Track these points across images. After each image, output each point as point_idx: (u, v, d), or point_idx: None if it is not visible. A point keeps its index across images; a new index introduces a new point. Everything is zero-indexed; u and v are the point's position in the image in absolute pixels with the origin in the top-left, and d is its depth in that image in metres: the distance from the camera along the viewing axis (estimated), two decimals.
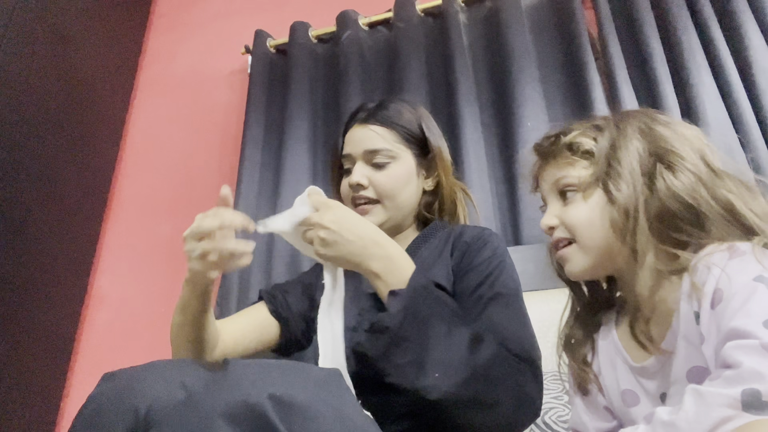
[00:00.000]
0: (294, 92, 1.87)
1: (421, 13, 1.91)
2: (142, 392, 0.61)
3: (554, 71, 1.71)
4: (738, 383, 0.48)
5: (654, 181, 0.67)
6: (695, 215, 0.65)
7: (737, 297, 0.55)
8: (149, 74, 2.33)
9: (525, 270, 1.40)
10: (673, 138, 0.70)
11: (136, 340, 1.83)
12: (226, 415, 0.53)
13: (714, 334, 0.57)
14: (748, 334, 0.51)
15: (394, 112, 1.05)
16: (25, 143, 1.72)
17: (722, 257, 0.60)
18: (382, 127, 1.03)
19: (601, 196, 0.71)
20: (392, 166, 1.02)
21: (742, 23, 1.55)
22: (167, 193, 2.05)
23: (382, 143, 1.02)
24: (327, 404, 0.56)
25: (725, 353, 0.52)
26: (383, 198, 1.02)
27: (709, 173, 0.67)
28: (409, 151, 1.05)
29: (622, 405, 0.74)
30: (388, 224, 1.04)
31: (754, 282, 0.55)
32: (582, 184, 0.73)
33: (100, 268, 1.99)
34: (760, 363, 0.48)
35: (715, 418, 0.47)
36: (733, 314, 0.54)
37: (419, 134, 1.06)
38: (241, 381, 0.56)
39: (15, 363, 1.60)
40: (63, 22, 1.93)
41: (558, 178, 0.76)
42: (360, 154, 1.03)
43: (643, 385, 0.72)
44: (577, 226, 0.73)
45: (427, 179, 1.09)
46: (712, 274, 0.59)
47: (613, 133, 0.73)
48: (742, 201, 0.65)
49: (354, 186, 1.02)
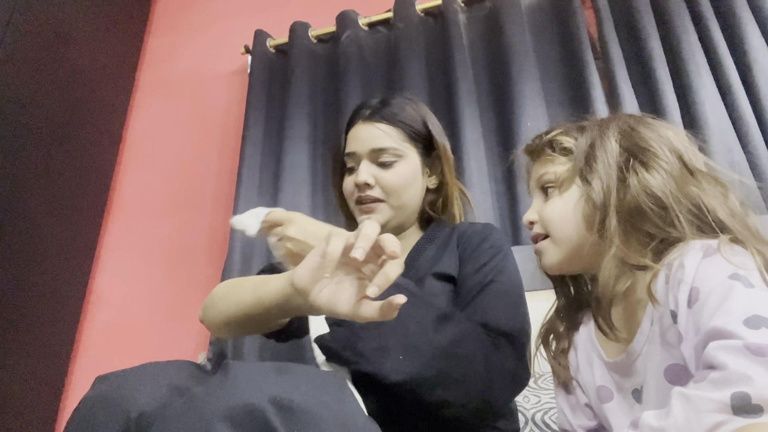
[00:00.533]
0: (294, 92, 1.87)
1: (420, 13, 1.91)
2: (135, 395, 0.62)
3: (554, 71, 1.71)
4: (726, 386, 0.48)
5: (627, 177, 0.69)
6: (665, 211, 0.67)
7: (714, 295, 0.56)
8: (149, 74, 2.33)
9: (525, 270, 1.39)
10: (652, 138, 0.72)
11: (136, 340, 1.83)
12: (226, 418, 0.52)
13: (692, 333, 0.57)
14: (730, 334, 0.51)
15: (399, 109, 1.04)
16: (25, 143, 1.72)
17: (696, 255, 0.61)
18: (388, 125, 1.02)
19: (576, 192, 0.74)
20: (399, 165, 1.01)
21: (742, 23, 1.55)
22: (167, 193, 2.05)
23: (389, 141, 1.01)
24: (328, 407, 0.56)
25: (708, 354, 0.51)
26: (389, 197, 1.01)
27: (683, 172, 0.69)
28: (415, 150, 1.04)
29: (597, 401, 0.75)
30: (392, 223, 1.03)
31: (729, 280, 0.56)
32: (559, 180, 0.76)
33: (100, 268, 1.99)
34: (745, 365, 0.48)
35: (706, 425, 0.47)
36: (712, 313, 0.54)
37: (424, 132, 1.05)
38: (242, 384, 0.55)
39: (15, 363, 1.60)
40: (63, 22, 1.93)
41: (540, 175, 0.79)
42: (366, 152, 1.01)
43: (615, 381, 0.73)
44: (551, 221, 0.76)
45: (431, 177, 1.08)
46: (687, 272, 0.60)
47: (594, 132, 0.75)
48: (712, 199, 0.67)
49: (361, 185, 1.01)
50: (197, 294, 1.77)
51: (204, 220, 1.94)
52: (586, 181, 0.72)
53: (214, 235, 1.90)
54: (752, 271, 0.58)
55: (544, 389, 1.15)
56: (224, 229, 1.86)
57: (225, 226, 1.86)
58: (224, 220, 1.88)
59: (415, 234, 1.08)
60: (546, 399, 1.12)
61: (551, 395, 1.12)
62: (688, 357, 0.58)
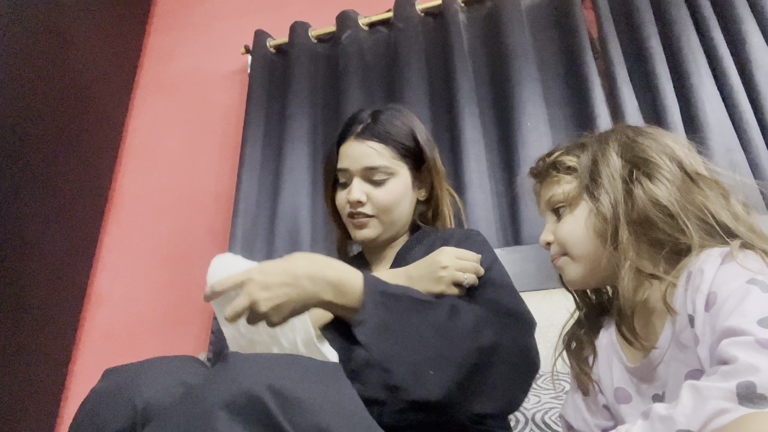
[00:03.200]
0: (294, 92, 1.87)
1: (421, 13, 1.91)
2: (141, 387, 0.64)
3: (554, 71, 1.71)
4: (733, 377, 0.50)
5: (633, 189, 0.72)
6: (673, 219, 0.69)
7: (731, 299, 0.58)
8: (149, 74, 2.33)
9: (525, 270, 1.40)
10: (652, 147, 0.74)
11: (136, 340, 1.83)
12: (226, 406, 0.54)
13: (708, 335, 0.59)
14: (742, 331, 0.53)
15: (390, 125, 1.06)
16: (25, 143, 1.72)
17: (715, 262, 0.63)
18: (380, 143, 1.04)
19: (585, 208, 0.76)
20: (390, 183, 1.03)
21: (742, 23, 1.55)
22: (167, 193, 2.05)
23: (381, 160, 1.03)
24: (326, 397, 0.57)
25: (721, 350, 0.53)
26: (380, 214, 1.04)
27: (685, 179, 0.71)
28: (405, 166, 1.06)
29: (614, 402, 0.76)
30: (383, 237, 1.06)
31: (747, 284, 0.58)
32: (567, 199, 0.78)
33: (100, 268, 1.99)
34: (755, 357, 0.50)
35: (710, 410, 0.49)
36: (728, 315, 0.56)
37: (414, 147, 1.07)
38: (241, 373, 0.56)
39: (15, 363, 1.60)
40: (63, 22, 1.93)
41: (549, 197, 0.81)
42: (358, 170, 1.04)
43: (636, 385, 0.74)
44: (566, 239, 0.77)
45: (421, 189, 1.11)
46: (706, 277, 0.62)
47: (595, 147, 0.78)
48: (715, 204, 0.69)
49: (353, 203, 1.03)
50: (197, 294, 1.77)
51: (204, 220, 1.94)
52: (594, 196, 0.74)
53: (214, 235, 1.90)
54: None
55: (544, 389, 1.15)
56: (224, 229, 1.86)
57: (225, 226, 1.86)
58: (224, 220, 1.89)
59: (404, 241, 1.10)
60: (546, 399, 1.12)
61: (551, 395, 1.13)
62: (704, 358, 0.60)
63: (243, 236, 1.72)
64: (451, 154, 1.64)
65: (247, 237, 1.73)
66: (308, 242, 1.67)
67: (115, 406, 0.64)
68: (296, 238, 1.68)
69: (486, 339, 0.79)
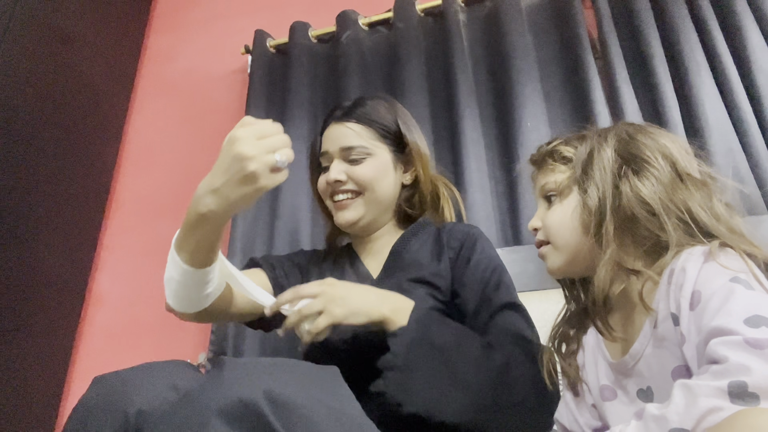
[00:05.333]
0: (294, 92, 1.87)
1: (421, 13, 1.91)
2: (132, 395, 0.63)
3: (554, 71, 1.71)
4: (725, 376, 0.50)
5: (620, 184, 0.73)
6: (655, 217, 0.70)
7: (715, 298, 0.58)
8: (149, 74, 2.33)
9: (525, 270, 1.40)
10: (647, 145, 0.75)
11: (136, 340, 1.83)
12: (221, 412, 0.53)
13: (695, 333, 0.60)
14: (730, 331, 0.54)
15: (371, 109, 1.08)
16: (25, 143, 1.72)
17: (698, 261, 0.63)
18: (358, 124, 1.06)
19: (574, 199, 0.77)
20: (369, 161, 1.05)
21: (742, 23, 1.55)
22: (167, 193, 2.05)
23: (358, 140, 1.05)
24: (323, 402, 0.56)
25: (710, 350, 0.54)
26: (363, 189, 1.05)
27: (674, 179, 0.72)
28: (385, 147, 1.08)
29: (600, 400, 0.77)
30: (368, 217, 1.06)
31: (730, 283, 0.59)
32: (559, 188, 0.80)
33: (100, 268, 1.99)
34: (745, 357, 0.50)
35: (702, 408, 0.49)
36: (714, 314, 0.57)
37: (396, 130, 1.09)
38: (237, 379, 0.56)
39: (15, 363, 1.60)
40: (63, 22, 1.93)
41: (543, 184, 0.83)
42: (336, 151, 1.06)
43: (620, 381, 0.75)
44: (551, 227, 0.79)
45: (405, 173, 1.12)
46: (688, 275, 0.63)
47: (593, 140, 0.79)
48: (697, 204, 0.70)
49: (332, 183, 1.05)
50: None
51: None
52: (583, 188, 0.76)
53: None
54: (750, 274, 0.60)
55: None
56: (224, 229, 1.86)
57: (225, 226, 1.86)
58: None
59: (393, 231, 1.11)
60: None
61: None
62: (690, 357, 0.60)
63: (243, 236, 1.72)
64: (451, 154, 1.64)
65: (247, 237, 1.72)
66: (308, 242, 1.67)
67: (106, 415, 0.62)
68: (296, 238, 1.68)
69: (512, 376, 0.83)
